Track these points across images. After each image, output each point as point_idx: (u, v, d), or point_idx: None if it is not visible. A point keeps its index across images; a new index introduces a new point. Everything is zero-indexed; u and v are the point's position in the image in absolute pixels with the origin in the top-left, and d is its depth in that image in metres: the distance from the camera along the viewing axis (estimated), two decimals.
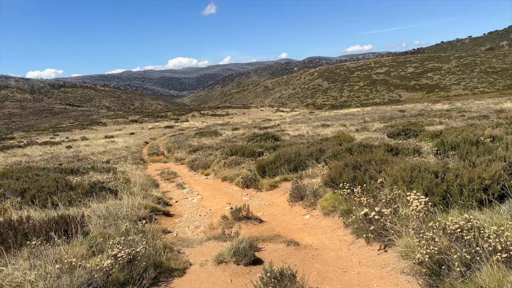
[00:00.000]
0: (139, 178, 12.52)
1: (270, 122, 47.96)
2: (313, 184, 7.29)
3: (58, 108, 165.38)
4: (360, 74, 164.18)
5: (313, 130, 31.63)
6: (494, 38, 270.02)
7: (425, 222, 3.80)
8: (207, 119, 75.50)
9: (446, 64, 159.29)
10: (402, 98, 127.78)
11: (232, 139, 27.76)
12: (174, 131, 50.90)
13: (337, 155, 8.72)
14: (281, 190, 8.65)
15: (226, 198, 9.01)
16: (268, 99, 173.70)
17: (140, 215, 6.51)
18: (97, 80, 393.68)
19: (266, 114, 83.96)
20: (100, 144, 36.30)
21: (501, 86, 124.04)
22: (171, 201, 9.32)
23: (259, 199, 8.40)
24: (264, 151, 14.11)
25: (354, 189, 5.33)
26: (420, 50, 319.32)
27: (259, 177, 9.89)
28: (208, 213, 7.52)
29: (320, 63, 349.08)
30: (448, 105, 54.37)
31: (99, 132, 61.08)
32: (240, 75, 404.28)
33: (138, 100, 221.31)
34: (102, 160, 22.14)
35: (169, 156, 24.52)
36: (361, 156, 6.43)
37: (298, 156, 9.67)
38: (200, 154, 18.93)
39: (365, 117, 43.23)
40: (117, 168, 15.01)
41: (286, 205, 7.30)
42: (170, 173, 15.53)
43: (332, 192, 6.15)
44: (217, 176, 13.01)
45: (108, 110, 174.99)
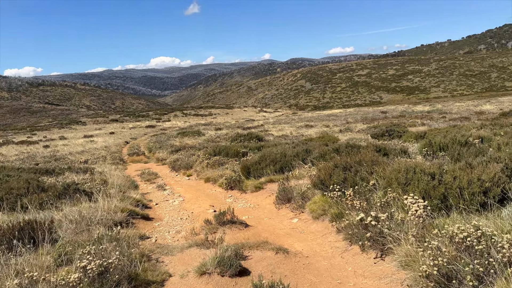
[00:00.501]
0: (118, 179, 11.99)
1: (254, 123, 47.64)
2: (300, 185, 6.97)
3: (36, 107, 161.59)
4: (342, 76, 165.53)
5: (296, 130, 31.45)
6: (472, 42, 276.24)
7: (427, 229, 3.52)
8: (189, 119, 74.71)
9: (426, 67, 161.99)
10: (383, 100, 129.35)
11: (215, 139, 27.31)
12: (155, 130, 50.06)
13: (324, 155, 8.43)
14: (267, 191, 8.30)
15: (209, 200, 8.61)
16: (252, 100, 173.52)
17: (117, 219, 6.06)
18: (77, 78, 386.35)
19: (249, 114, 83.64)
20: (79, 143, 35.33)
21: (479, 89, 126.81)
22: (150, 204, 8.87)
23: (243, 201, 8.03)
24: (248, 151, 13.75)
25: (346, 191, 5.03)
26: (400, 52, 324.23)
27: (243, 178, 9.52)
28: (190, 217, 7.12)
29: (303, 65, 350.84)
30: (429, 106, 55.04)
31: (78, 131, 59.73)
32: (223, 75, 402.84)
33: (119, 99, 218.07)
34: (80, 160, 21.43)
35: (150, 156, 23.92)
36: (351, 157, 6.14)
37: (284, 156, 9.34)
38: (182, 154, 18.44)
39: (348, 118, 43.36)
40: (95, 169, 14.42)
41: (272, 208, 6.95)
42: (151, 173, 15.02)
43: (321, 194, 5.84)
44: (200, 177, 12.58)
45: (88, 109, 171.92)
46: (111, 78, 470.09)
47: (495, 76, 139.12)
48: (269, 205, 7.18)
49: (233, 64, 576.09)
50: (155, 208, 8.30)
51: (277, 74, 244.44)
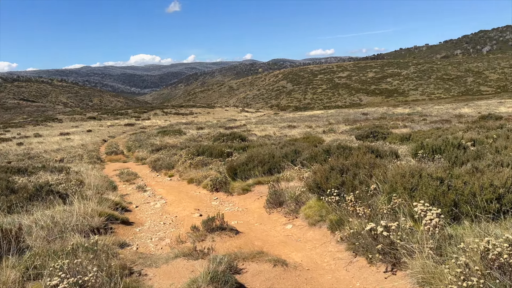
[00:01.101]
0: (95, 179, 11.37)
1: (236, 122, 47.17)
2: (292, 188, 6.59)
3: (11, 103, 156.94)
4: (323, 78, 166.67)
5: (279, 131, 31.15)
6: (449, 47, 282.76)
7: (442, 240, 3.17)
8: (170, 117, 73.61)
9: (405, 70, 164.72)
10: (362, 102, 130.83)
11: (197, 138, 26.73)
12: (135, 129, 49.00)
13: (315, 157, 8.07)
14: (255, 194, 7.88)
15: (194, 203, 8.13)
16: (233, 99, 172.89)
17: (94, 224, 5.54)
18: (54, 75, 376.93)
19: (231, 114, 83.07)
20: (55, 141, 34.15)
21: (455, 93, 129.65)
22: (130, 206, 8.33)
23: (231, 205, 7.59)
24: (233, 151, 13.30)
25: (346, 196, 4.66)
26: (380, 56, 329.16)
27: (229, 180, 9.08)
28: (173, 221, 6.63)
29: (285, 65, 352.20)
30: (408, 109, 55.67)
31: (54, 128, 58.09)
32: (204, 74, 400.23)
33: (97, 96, 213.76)
34: (56, 159, 20.54)
35: (129, 155, 23.18)
36: (348, 159, 5.78)
37: (272, 157, 8.95)
38: (163, 153, 17.84)
39: (330, 119, 43.37)
40: (71, 168, 13.71)
41: (262, 212, 6.54)
42: (130, 174, 14.39)
43: (317, 198, 5.47)
44: (183, 178, 12.07)
45: (65, 106, 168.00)
46: (89, 75, 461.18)
47: (471, 80, 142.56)
48: (258, 209, 6.76)
49: (215, 63, 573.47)
50: (135, 212, 7.77)
51: (259, 74, 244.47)
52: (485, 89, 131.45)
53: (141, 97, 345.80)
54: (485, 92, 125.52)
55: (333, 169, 5.51)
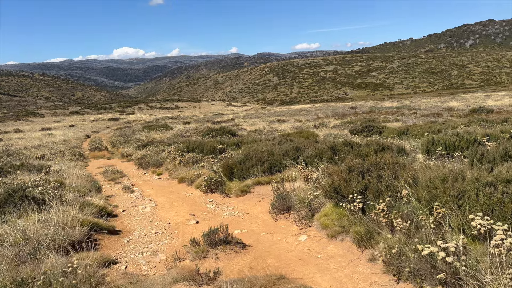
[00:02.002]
0: (77, 179, 10.48)
1: (223, 117, 46.27)
2: (299, 191, 5.86)
3: None
4: (309, 71, 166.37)
5: (269, 125, 30.44)
6: (433, 41, 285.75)
7: None
8: (155, 112, 72.21)
9: (390, 64, 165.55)
10: (348, 95, 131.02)
11: (184, 133, 25.82)
12: (119, 124, 47.68)
13: (320, 154, 7.35)
14: (255, 196, 7.13)
15: (187, 206, 7.34)
16: (219, 93, 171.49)
17: (75, 237, 4.72)
18: (35, 68, 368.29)
19: (217, 108, 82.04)
20: (36, 137, 32.79)
21: (440, 86, 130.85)
22: (116, 210, 7.50)
23: (229, 208, 6.82)
24: (226, 147, 12.52)
25: (371, 202, 3.97)
26: (365, 50, 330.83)
27: (225, 180, 8.31)
28: (167, 230, 5.84)
29: (270, 59, 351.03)
30: (396, 103, 55.52)
31: (35, 123, 56.35)
32: (189, 68, 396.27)
33: (80, 90, 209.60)
34: (36, 156, 19.43)
35: (113, 151, 22.15)
36: (368, 159, 5.08)
37: (272, 155, 8.20)
38: (150, 150, 16.93)
39: (319, 113, 42.87)
40: (51, 166, 12.74)
41: (267, 218, 5.80)
42: (115, 172, 13.49)
43: (333, 204, 4.75)
44: (172, 177, 11.24)
45: (47, 100, 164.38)
46: (72, 69, 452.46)
47: (455, 74, 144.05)
48: (262, 214, 6.02)
49: (200, 57, 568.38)
50: (122, 217, 6.94)
51: (245, 68, 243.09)
52: (469, 82, 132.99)
53: (125, 91, 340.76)
54: (469, 85, 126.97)
55: (351, 170, 4.80)
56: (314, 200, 5.04)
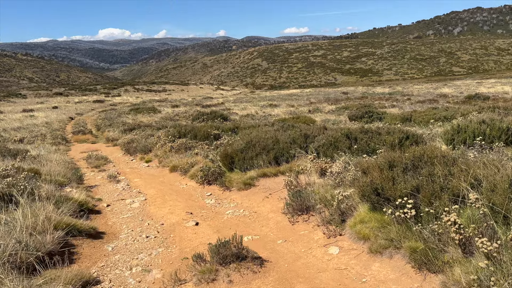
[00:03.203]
0: (57, 166, 9.40)
1: (213, 100, 45.05)
2: (318, 186, 4.94)
3: None
4: (299, 56, 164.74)
5: (261, 109, 29.43)
6: (422, 27, 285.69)
7: None
8: (142, 94, 70.38)
9: (379, 50, 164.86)
10: (337, 81, 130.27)
11: (173, 117, 24.67)
12: (104, 106, 46.11)
13: (335, 143, 6.44)
14: (261, 190, 6.20)
15: (182, 201, 6.38)
16: (207, 77, 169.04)
17: (45, 248, 3.74)
18: (18, 48, 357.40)
19: (206, 91, 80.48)
20: (16, 118, 31.26)
21: (428, 73, 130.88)
22: (100, 205, 6.50)
23: (232, 205, 5.87)
24: (221, 133, 11.52)
25: (429, 210, 3.08)
26: (354, 35, 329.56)
27: (225, 170, 7.35)
28: (160, 233, 4.88)
29: (259, 43, 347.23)
30: (388, 88, 54.89)
31: (17, 105, 54.31)
32: (177, 51, 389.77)
33: (65, 72, 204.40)
34: (15, 139, 18.16)
35: (98, 135, 20.96)
36: (408, 150, 4.17)
37: (277, 142, 7.26)
38: (137, 134, 15.84)
39: (310, 98, 41.98)
40: (29, 151, 11.59)
41: (280, 220, 4.87)
42: (100, 157, 12.41)
43: (369, 208, 3.85)
44: (163, 164, 10.23)
45: (30, 81, 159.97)
46: (56, 49, 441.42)
47: (444, 61, 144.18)
48: (273, 214, 5.09)
49: (187, 39, 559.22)
50: (106, 214, 5.95)
51: (233, 51, 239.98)
52: (457, 69, 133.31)
53: (111, 73, 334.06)
54: (457, 72, 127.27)
55: (392, 165, 3.89)
56: (345, 201, 4.12)
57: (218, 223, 5.01)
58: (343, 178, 4.77)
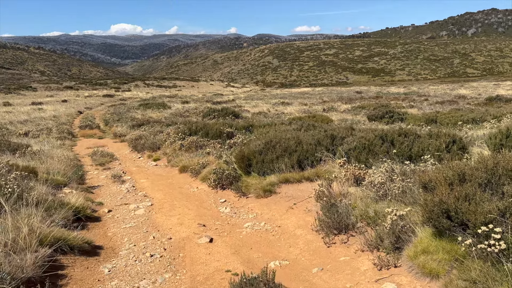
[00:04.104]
0: (58, 163, 8.69)
1: (223, 97, 44.27)
2: (354, 198, 4.13)
3: None
4: (310, 54, 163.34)
5: (273, 107, 28.57)
6: (435, 28, 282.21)
7: None
8: (152, 90, 69.92)
9: (392, 50, 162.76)
10: (349, 80, 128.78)
11: (183, 113, 23.95)
12: (114, 100, 45.64)
13: (369, 146, 5.61)
14: (283, 199, 5.39)
15: (193, 209, 5.60)
16: (217, 74, 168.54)
17: (24, 273, 2.99)
18: (30, 42, 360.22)
19: (216, 88, 79.82)
20: (24, 111, 30.84)
21: (442, 74, 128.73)
22: (100, 210, 5.74)
23: (251, 216, 5.07)
24: (234, 131, 10.73)
25: None
26: (366, 34, 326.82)
27: (240, 173, 6.56)
28: (167, 250, 4.10)
29: (270, 41, 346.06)
30: (403, 88, 53.68)
31: (27, 97, 54.22)
32: (188, 47, 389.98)
33: (76, 66, 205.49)
34: (20, 132, 17.59)
35: (106, 130, 20.32)
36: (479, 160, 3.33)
37: (300, 144, 6.45)
38: (146, 130, 15.12)
39: (323, 97, 41.04)
40: (31, 146, 10.91)
41: (312, 239, 4.06)
42: (105, 154, 11.70)
43: (432, 233, 3.03)
44: (172, 164, 9.48)
45: (42, 75, 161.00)
46: (68, 44, 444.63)
47: (458, 62, 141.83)
48: (301, 231, 4.28)
49: (198, 36, 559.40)
50: (106, 222, 5.20)
51: (244, 49, 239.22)
52: (472, 71, 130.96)
53: (122, 68, 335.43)
54: (471, 74, 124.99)
55: (464, 180, 3.06)
56: (399, 222, 3.30)
57: (235, 240, 4.22)
58: (388, 191, 3.95)
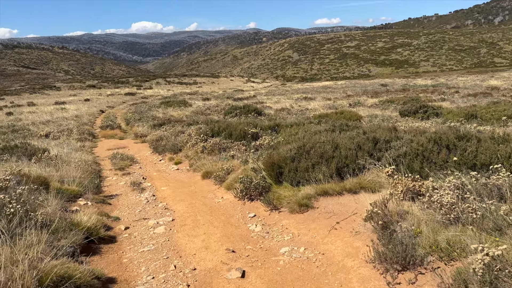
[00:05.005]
0: (74, 169, 8.17)
1: (244, 93, 43.59)
2: (416, 222, 3.37)
3: (10, 70, 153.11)
4: (331, 47, 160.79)
5: (296, 103, 27.68)
6: (460, 17, 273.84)
7: None
8: (173, 87, 69.89)
9: (416, 40, 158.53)
10: (371, 73, 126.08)
11: (204, 111, 23.38)
12: (135, 99, 45.56)
13: (424, 152, 4.80)
14: (322, 215, 4.65)
15: (219, 226, 4.93)
16: (237, 69, 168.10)
17: None
18: (55, 41, 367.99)
19: (236, 84, 79.25)
20: (48, 111, 30.98)
21: (468, 64, 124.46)
22: (116, 227, 5.13)
23: (287, 238, 4.34)
24: (259, 131, 10.01)
25: None
26: (388, 25, 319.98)
27: (270, 182, 5.85)
28: (191, 287, 3.45)
29: (290, 35, 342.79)
30: (430, 80, 51.75)
31: (50, 97, 54.97)
32: (207, 43, 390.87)
33: (99, 64, 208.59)
34: (41, 133, 17.40)
35: (127, 130, 19.94)
36: None
37: (337, 148, 5.69)
38: (167, 130, 14.58)
39: (347, 90, 39.83)
40: (48, 150, 10.47)
41: (366, 273, 3.31)
42: (125, 157, 11.18)
43: None
44: (194, 168, 8.85)
45: (66, 74, 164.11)
46: (91, 43, 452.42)
47: (485, 51, 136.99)
48: (351, 261, 3.53)
49: (218, 32, 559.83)
50: (122, 242, 4.58)
51: (263, 43, 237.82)
52: (499, 60, 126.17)
53: (143, 65, 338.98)
54: (499, 64, 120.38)
55: None
56: (492, 264, 2.54)
57: (272, 274, 3.51)
58: (461, 214, 3.17)
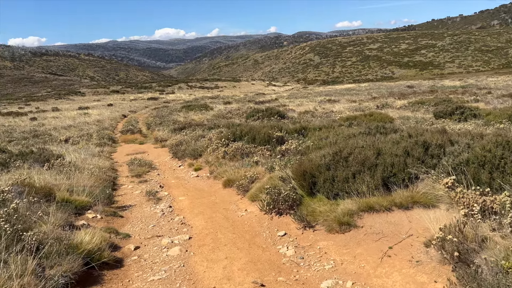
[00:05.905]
0: (87, 177, 7.58)
1: (265, 97, 42.87)
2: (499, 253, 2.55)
3: (38, 77, 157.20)
4: (353, 50, 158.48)
5: (320, 106, 26.72)
6: (485, 17, 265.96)
7: None
8: (195, 91, 69.87)
9: (440, 41, 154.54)
10: (395, 75, 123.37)
11: (226, 115, 22.73)
12: (158, 103, 45.47)
13: (493, 160, 3.93)
14: (369, 237, 3.84)
15: (244, 248, 4.17)
16: (258, 73, 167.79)
17: None
18: (81, 49, 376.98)
19: (257, 88, 78.66)
20: (71, 116, 31.03)
21: (495, 65, 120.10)
22: (125, 247, 4.45)
23: (327, 267, 3.53)
24: (284, 135, 9.21)
25: None
26: (411, 27, 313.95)
27: (301, 193, 5.06)
28: None
29: (310, 38, 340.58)
30: (458, 81, 49.83)
31: (75, 102, 55.68)
32: (228, 48, 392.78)
33: (123, 70, 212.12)
34: (61, 139, 17.10)
35: (147, 134, 19.48)
36: None
37: (380, 154, 4.86)
38: (187, 134, 13.96)
39: (372, 92, 38.62)
40: (63, 156, 9.95)
41: None
42: (143, 163, 10.58)
43: None
44: (214, 175, 8.13)
45: (91, 80, 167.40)
46: (116, 49, 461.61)
47: None
48: None
49: (239, 37, 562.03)
50: (129, 267, 3.88)
51: (284, 47, 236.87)
52: None
53: (166, 71, 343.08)
54: None
55: None
56: None
57: None
58: None
